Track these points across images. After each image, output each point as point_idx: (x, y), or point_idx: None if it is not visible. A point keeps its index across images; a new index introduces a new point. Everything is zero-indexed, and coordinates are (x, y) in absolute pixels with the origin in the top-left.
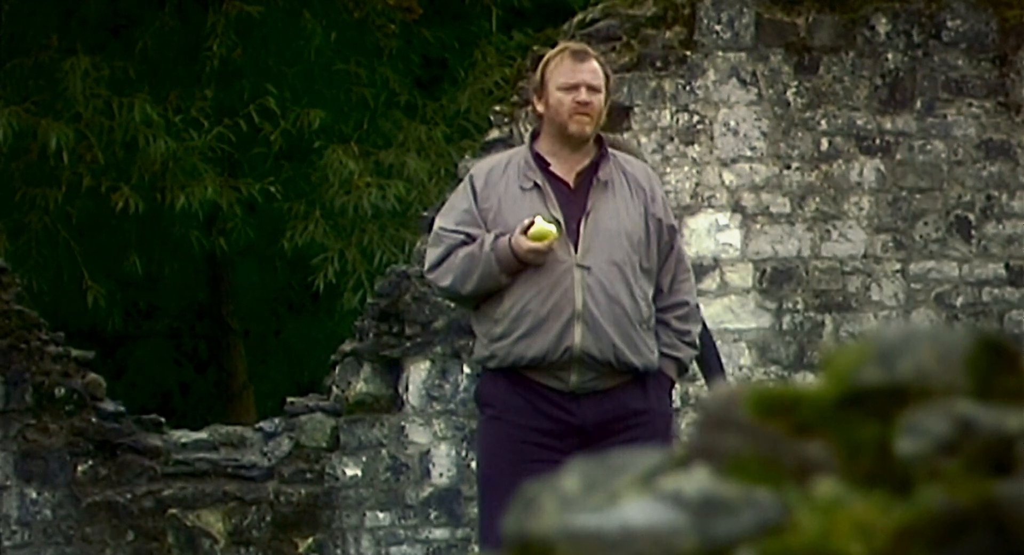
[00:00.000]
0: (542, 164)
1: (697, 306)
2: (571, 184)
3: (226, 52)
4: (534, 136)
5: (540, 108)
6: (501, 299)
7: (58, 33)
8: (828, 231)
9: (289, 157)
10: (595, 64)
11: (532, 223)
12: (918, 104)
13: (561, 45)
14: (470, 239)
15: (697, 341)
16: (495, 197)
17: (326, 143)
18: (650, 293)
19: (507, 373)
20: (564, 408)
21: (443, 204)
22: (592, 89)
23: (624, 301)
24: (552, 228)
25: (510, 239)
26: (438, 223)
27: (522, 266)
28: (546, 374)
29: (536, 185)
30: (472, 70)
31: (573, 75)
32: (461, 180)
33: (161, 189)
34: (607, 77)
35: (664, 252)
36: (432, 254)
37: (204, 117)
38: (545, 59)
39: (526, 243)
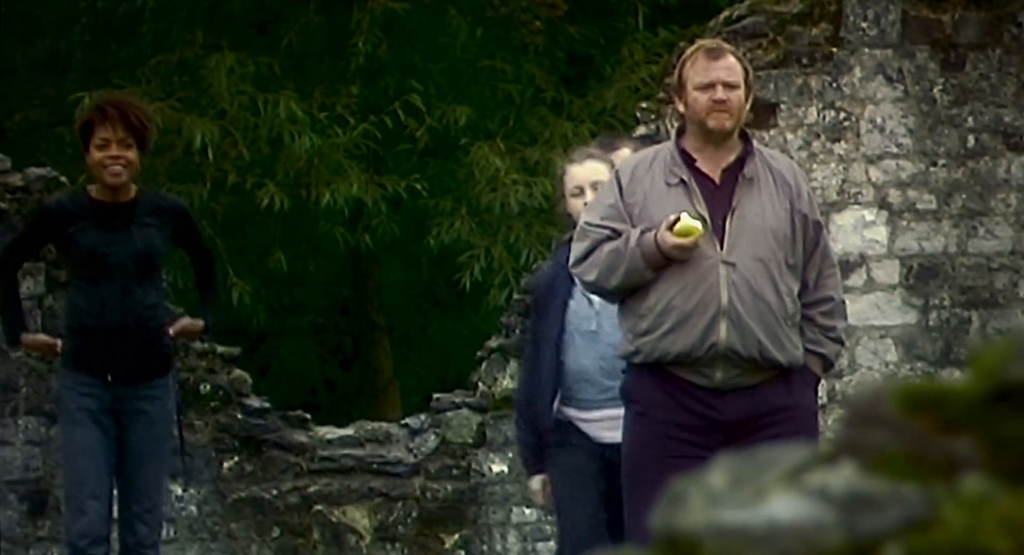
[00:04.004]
0: (688, 160)
1: (843, 302)
2: (716, 180)
3: (371, 49)
4: (680, 133)
5: (681, 108)
6: (646, 295)
7: (203, 29)
8: (975, 228)
9: (434, 154)
10: (731, 60)
11: (678, 219)
12: None
13: (696, 43)
14: (615, 234)
15: (843, 337)
16: (641, 193)
17: (472, 140)
18: (796, 289)
19: (652, 369)
20: (709, 404)
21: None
22: (728, 86)
23: (769, 297)
24: (698, 224)
25: (656, 235)
26: (584, 218)
27: (667, 262)
28: (691, 370)
29: (682, 181)
30: (618, 67)
31: (708, 73)
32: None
33: (306, 186)
34: (746, 72)
35: (810, 248)
36: (577, 249)
37: (349, 114)
38: (681, 59)
39: (671, 239)
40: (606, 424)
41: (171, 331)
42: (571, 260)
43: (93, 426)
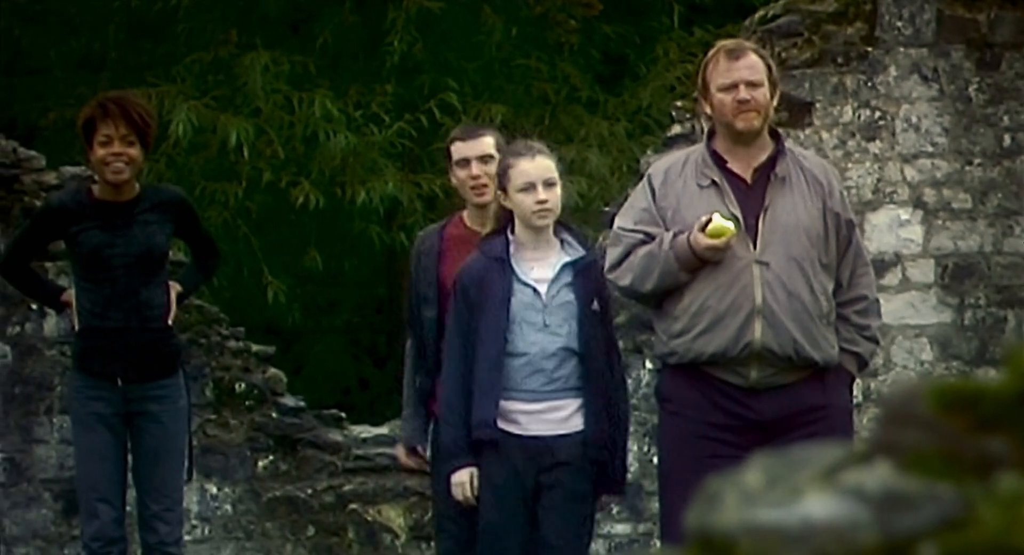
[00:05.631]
0: (719, 161)
1: (877, 300)
2: (748, 180)
3: (406, 47)
4: (710, 134)
5: (708, 110)
6: (681, 296)
7: (237, 28)
8: (1011, 227)
9: None
10: (751, 58)
11: (710, 220)
12: None
13: (717, 45)
14: (649, 238)
15: (878, 335)
16: (673, 195)
17: (507, 139)
18: (830, 288)
19: (687, 369)
20: (744, 404)
21: (624, 201)
22: (751, 85)
23: (804, 296)
24: (730, 225)
25: (688, 237)
26: (617, 222)
27: (701, 264)
28: (726, 370)
29: (713, 182)
30: (653, 66)
31: (729, 74)
32: (643, 176)
33: (341, 184)
34: (769, 68)
35: (842, 246)
36: (612, 254)
37: (384, 112)
38: (703, 62)
39: (704, 240)
40: (545, 416)
41: (170, 321)
42: (606, 265)
43: (103, 430)
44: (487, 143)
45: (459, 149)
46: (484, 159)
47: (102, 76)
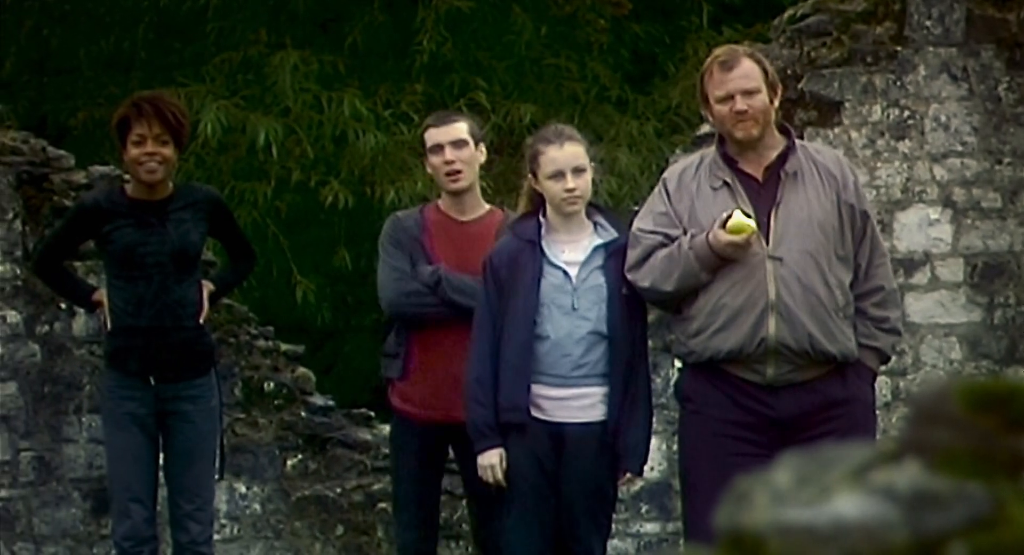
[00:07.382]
0: (730, 162)
1: (894, 290)
2: (760, 179)
3: (436, 47)
4: (721, 138)
5: (711, 119)
6: (695, 295)
7: (267, 28)
8: None
9: (499, 151)
10: (745, 66)
11: (730, 216)
12: None
13: (712, 54)
14: (668, 240)
15: (898, 326)
16: (688, 198)
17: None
18: (847, 281)
19: (706, 368)
20: (762, 401)
21: (642, 205)
22: (747, 93)
23: (819, 290)
24: (751, 222)
25: (707, 236)
26: (636, 225)
27: (721, 262)
28: (743, 367)
29: (726, 183)
30: (683, 65)
31: (723, 86)
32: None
33: (370, 183)
34: (765, 72)
35: (858, 238)
36: (632, 255)
37: (414, 111)
38: (700, 74)
39: (724, 237)
40: (570, 403)
41: (202, 319)
42: (625, 266)
43: (136, 429)
44: (460, 129)
45: (432, 135)
46: (457, 144)
47: (131, 76)
